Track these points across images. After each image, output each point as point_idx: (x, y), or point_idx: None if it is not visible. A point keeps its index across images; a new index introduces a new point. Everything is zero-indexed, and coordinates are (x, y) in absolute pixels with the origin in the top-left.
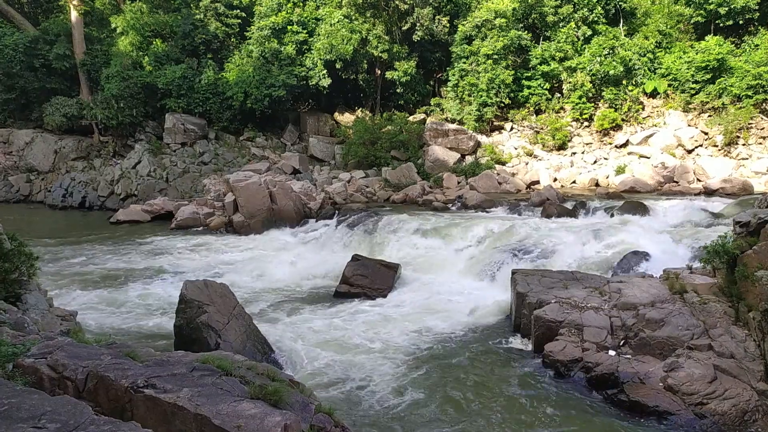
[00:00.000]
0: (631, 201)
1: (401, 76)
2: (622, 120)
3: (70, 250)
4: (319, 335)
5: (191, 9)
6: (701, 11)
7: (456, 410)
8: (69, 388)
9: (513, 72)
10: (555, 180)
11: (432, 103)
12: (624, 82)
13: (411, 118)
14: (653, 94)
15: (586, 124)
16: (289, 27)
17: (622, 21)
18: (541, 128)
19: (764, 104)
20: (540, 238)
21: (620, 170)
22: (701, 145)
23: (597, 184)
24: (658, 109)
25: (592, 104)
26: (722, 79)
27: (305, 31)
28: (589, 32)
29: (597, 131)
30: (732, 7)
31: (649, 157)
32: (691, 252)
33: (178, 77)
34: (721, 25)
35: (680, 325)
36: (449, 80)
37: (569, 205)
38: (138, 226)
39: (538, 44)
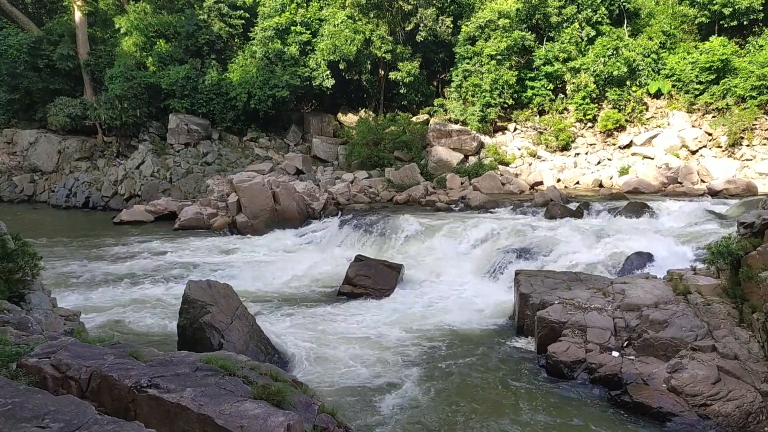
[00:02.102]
0: (634, 202)
1: (404, 76)
2: (626, 121)
3: (73, 250)
4: (321, 335)
5: (195, 9)
6: (705, 12)
7: (458, 411)
8: (72, 387)
9: (516, 73)
10: (558, 181)
11: (435, 104)
12: (628, 82)
13: (414, 119)
14: (657, 94)
15: (589, 124)
16: (292, 28)
17: (626, 22)
18: (545, 129)
19: None
20: (543, 239)
21: (624, 171)
22: (705, 146)
23: (600, 185)
24: (661, 110)
25: (596, 105)
26: (726, 79)
27: (309, 32)
28: (593, 33)
29: (600, 132)
30: (736, 7)
31: (652, 158)
32: (694, 253)
33: (181, 78)
34: (726, 25)
35: (684, 327)
36: (453, 81)
37: (573, 206)
38: (141, 227)
39: (542, 45)
